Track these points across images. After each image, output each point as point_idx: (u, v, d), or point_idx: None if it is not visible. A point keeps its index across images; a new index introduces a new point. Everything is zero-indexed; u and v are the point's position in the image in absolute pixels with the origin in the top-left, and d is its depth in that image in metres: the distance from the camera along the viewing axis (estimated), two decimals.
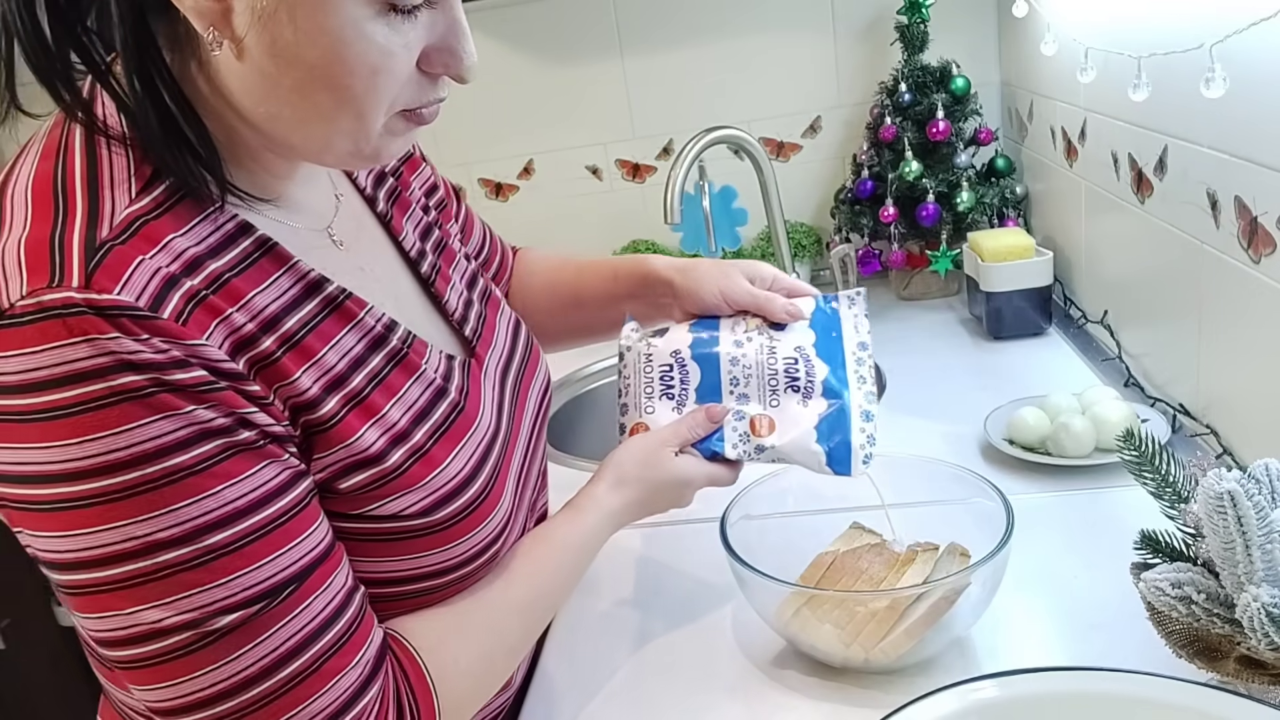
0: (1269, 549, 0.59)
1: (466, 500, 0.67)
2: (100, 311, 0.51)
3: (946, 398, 1.28)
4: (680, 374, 0.84)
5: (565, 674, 0.87)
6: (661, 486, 0.81)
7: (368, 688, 0.60)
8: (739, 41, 1.77)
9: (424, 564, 0.66)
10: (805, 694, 0.79)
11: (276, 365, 0.59)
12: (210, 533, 0.54)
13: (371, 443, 0.63)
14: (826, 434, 0.81)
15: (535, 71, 1.83)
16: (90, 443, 0.51)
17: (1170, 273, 1.11)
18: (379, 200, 0.79)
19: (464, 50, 0.62)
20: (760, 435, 0.82)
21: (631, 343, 0.87)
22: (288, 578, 0.57)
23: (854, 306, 0.88)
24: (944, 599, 0.76)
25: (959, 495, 0.86)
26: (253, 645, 0.55)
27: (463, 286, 0.81)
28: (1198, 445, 1.07)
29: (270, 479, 0.57)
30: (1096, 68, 1.14)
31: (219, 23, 0.55)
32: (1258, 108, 0.87)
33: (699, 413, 0.83)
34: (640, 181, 1.88)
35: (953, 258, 1.57)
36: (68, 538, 0.53)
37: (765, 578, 0.78)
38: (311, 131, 0.60)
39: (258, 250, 0.62)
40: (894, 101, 1.62)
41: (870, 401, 0.83)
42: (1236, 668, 0.63)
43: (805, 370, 0.82)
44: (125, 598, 0.53)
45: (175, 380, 0.53)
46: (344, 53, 0.56)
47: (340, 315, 0.65)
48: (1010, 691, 0.61)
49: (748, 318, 0.87)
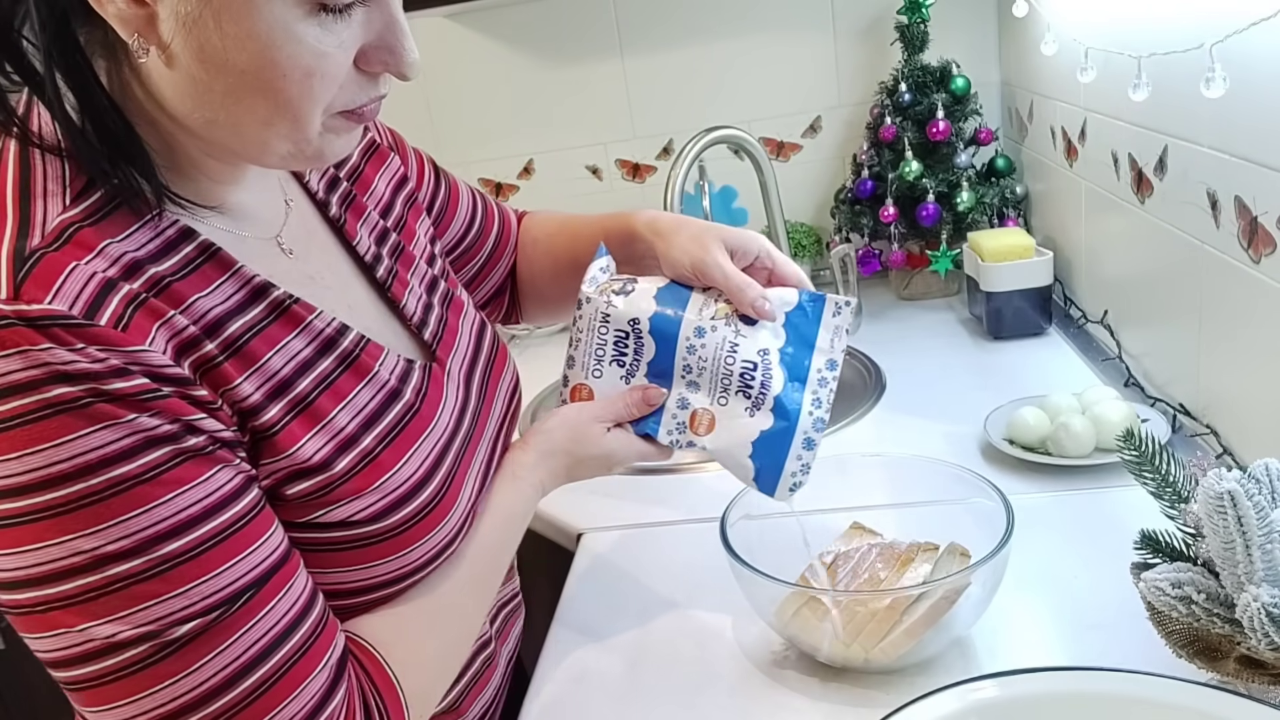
0: (1269, 549, 0.59)
1: (419, 504, 0.66)
2: (30, 322, 0.50)
3: (946, 398, 1.28)
4: (635, 344, 0.80)
5: (564, 674, 0.87)
6: (587, 460, 0.80)
7: (334, 693, 0.59)
8: (739, 41, 1.77)
9: (379, 572, 0.65)
10: (805, 694, 0.79)
11: (218, 370, 0.58)
12: (163, 542, 0.53)
13: (314, 452, 0.61)
14: (761, 451, 0.79)
15: (535, 71, 1.83)
16: (28, 456, 0.50)
17: (1170, 273, 1.11)
18: (331, 204, 0.76)
19: (403, 47, 0.60)
20: (697, 432, 0.80)
21: (592, 294, 0.82)
22: (245, 584, 0.56)
23: (838, 317, 0.81)
24: (944, 599, 0.76)
25: (959, 495, 0.86)
26: (213, 655, 0.54)
27: (421, 290, 0.79)
28: (1198, 445, 1.07)
29: (223, 485, 0.56)
30: (1096, 68, 1.14)
31: (144, 29, 0.54)
32: (1258, 108, 0.87)
33: (637, 393, 0.80)
34: (640, 181, 1.88)
35: (953, 258, 1.57)
36: (10, 555, 0.51)
37: (765, 578, 0.78)
38: (249, 136, 0.58)
39: (200, 256, 0.60)
40: (894, 101, 1.62)
41: (817, 429, 0.79)
42: (1236, 668, 0.63)
43: (762, 380, 0.79)
44: (76, 614, 0.52)
45: (114, 389, 0.52)
46: (274, 56, 0.54)
47: (287, 320, 0.64)
48: (1010, 691, 0.61)
49: (720, 299, 0.81)
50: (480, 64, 1.83)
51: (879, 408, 1.29)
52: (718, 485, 1.09)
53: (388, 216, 0.82)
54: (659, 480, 1.19)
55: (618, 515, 1.12)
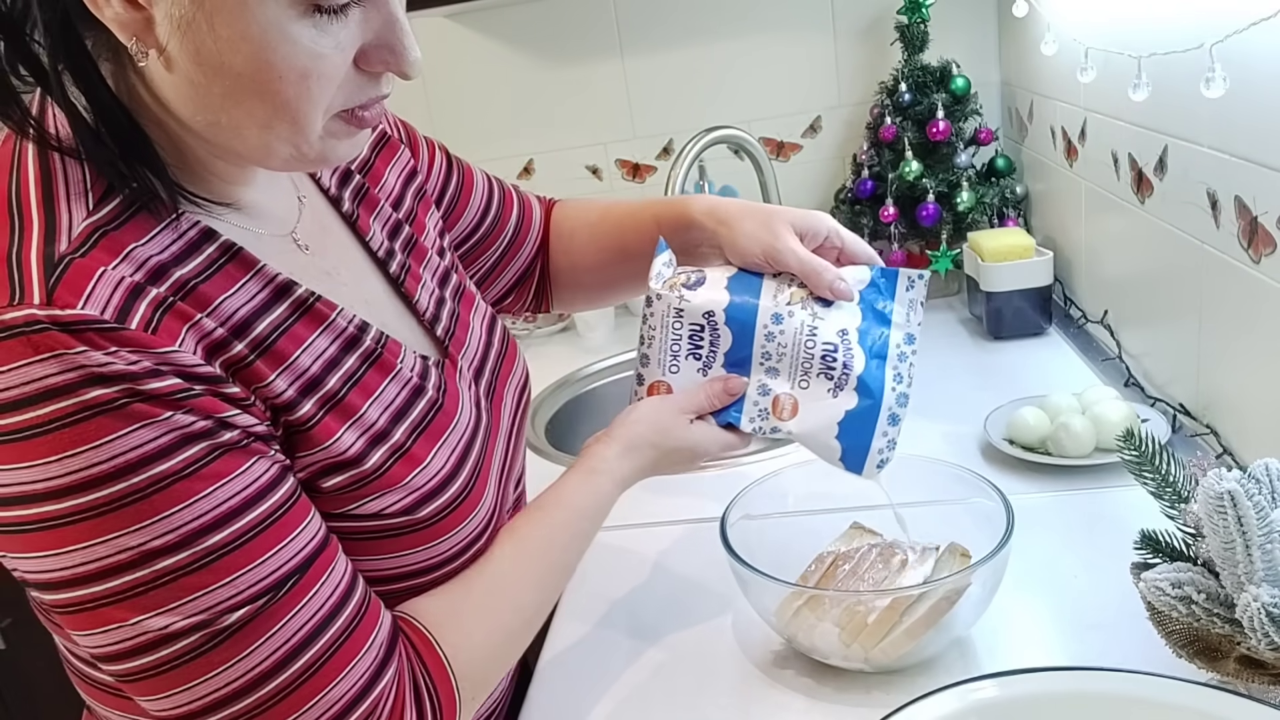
0: (1269, 549, 0.59)
1: (449, 498, 0.67)
2: (65, 327, 0.51)
3: (946, 398, 1.28)
4: (711, 336, 0.80)
5: (565, 674, 0.87)
6: (673, 454, 0.79)
7: (383, 672, 0.60)
8: (739, 41, 1.77)
9: (408, 562, 0.66)
10: (805, 694, 0.79)
11: (251, 369, 0.59)
12: (207, 534, 0.54)
13: (350, 444, 0.62)
14: (847, 431, 0.79)
15: (535, 71, 1.83)
16: (70, 459, 0.51)
17: (1170, 273, 1.11)
18: (344, 200, 0.77)
19: (403, 45, 0.59)
20: (780, 417, 0.79)
21: (662, 291, 0.81)
22: (290, 570, 0.57)
23: (911, 290, 0.82)
24: (944, 599, 0.76)
25: (959, 495, 0.86)
26: (263, 640, 0.55)
27: (434, 285, 0.79)
28: (1198, 445, 1.07)
29: (260, 475, 0.57)
30: (1096, 67, 1.14)
31: (141, 33, 0.54)
32: (1258, 108, 0.87)
33: (718, 383, 0.80)
34: (640, 181, 1.88)
35: (953, 258, 1.57)
36: (58, 555, 0.52)
37: (765, 578, 0.78)
38: (250, 139, 0.58)
39: (223, 256, 0.61)
40: (894, 101, 1.62)
41: (901, 405, 0.80)
42: (1236, 668, 0.63)
43: (844, 360, 0.78)
44: (128, 608, 0.53)
45: (149, 389, 0.52)
46: (270, 57, 0.54)
47: (311, 318, 0.64)
48: (1010, 691, 0.61)
49: (793, 283, 0.81)
50: (480, 64, 1.83)
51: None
52: (718, 485, 1.10)
53: (399, 209, 0.82)
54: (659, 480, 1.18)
55: (618, 515, 1.10)
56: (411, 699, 0.61)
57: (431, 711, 0.62)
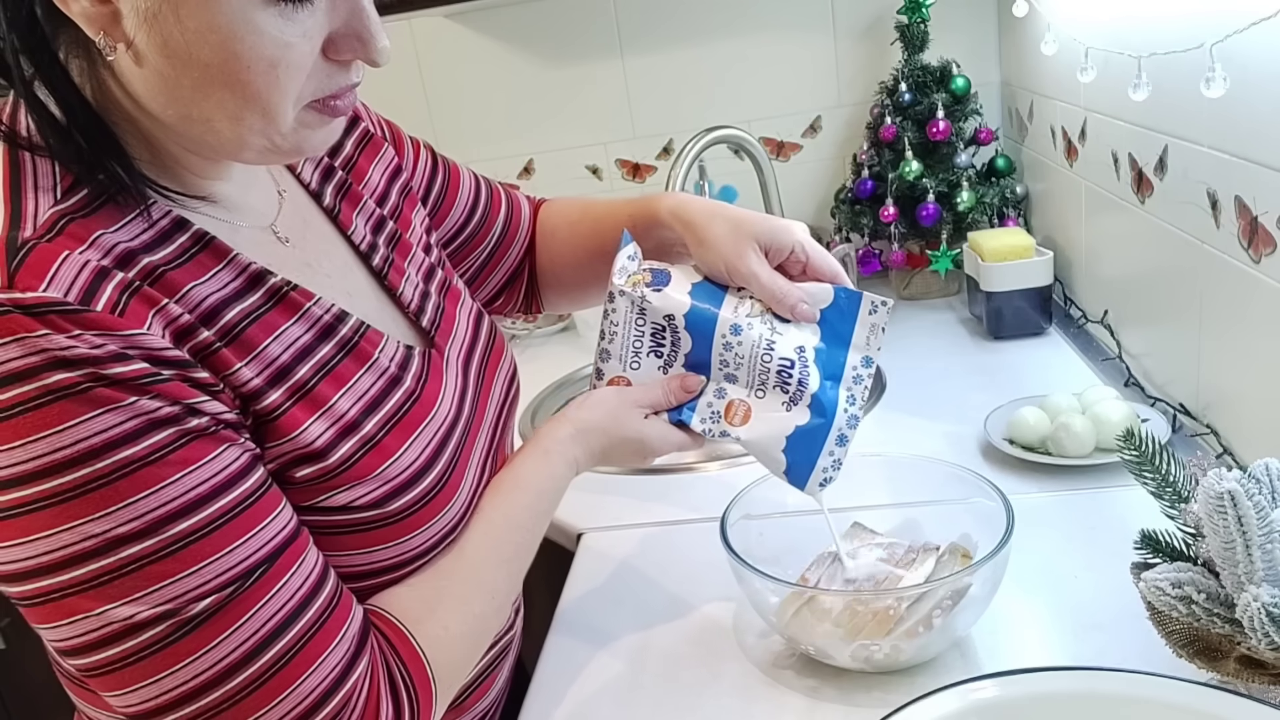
0: (1269, 549, 0.59)
1: (422, 490, 0.66)
2: (27, 310, 0.50)
3: (946, 398, 1.28)
4: (672, 337, 0.81)
5: (565, 674, 0.87)
6: (623, 444, 0.80)
7: (354, 665, 0.59)
8: (739, 41, 1.77)
9: (381, 556, 0.66)
10: (806, 694, 0.79)
11: (216, 356, 0.58)
12: (174, 521, 0.53)
13: (317, 435, 0.62)
14: (795, 446, 0.79)
15: (535, 71, 1.83)
16: (32, 444, 0.50)
17: (1170, 273, 1.11)
18: (326, 195, 0.77)
19: (370, 33, 0.59)
20: (731, 422, 0.80)
21: (625, 288, 0.81)
22: (259, 559, 0.56)
23: (875, 315, 0.82)
24: (945, 599, 0.76)
25: (959, 495, 0.86)
26: (231, 631, 0.55)
27: (418, 279, 0.79)
28: (1198, 445, 1.07)
29: (229, 463, 0.56)
30: (1096, 67, 1.14)
31: (109, 27, 0.54)
32: (1258, 108, 0.87)
33: (676, 380, 0.80)
34: (640, 181, 1.88)
35: (953, 257, 1.57)
36: (21, 545, 0.52)
37: (766, 577, 0.78)
38: (222, 131, 0.58)
39: (195, 245, 0.61)
40: (894, 101, 1.62)
41: (851, 426, 0.80)
42: (1236, 668, 0.63)
43: (799, 376, 0.79)
44: (93, 597, 0.52)
45: (113, 374, 0.52)
46: (237, 48, 0.54)
47: (285, 306, 0.64)
48: (1010, 691, 0.61)
49: (754, 298, 0.82)
50: (480, 64, 1.83)
51: (879, 408, 1.29)
52: (718, 485, 1.10)
53: (384, 205, 0.82)
54: (659, 479, 1.19)
55: (618, 515, 1.12)
56: (388, 693, 0.61)
57: (409, 706, 0.62)
